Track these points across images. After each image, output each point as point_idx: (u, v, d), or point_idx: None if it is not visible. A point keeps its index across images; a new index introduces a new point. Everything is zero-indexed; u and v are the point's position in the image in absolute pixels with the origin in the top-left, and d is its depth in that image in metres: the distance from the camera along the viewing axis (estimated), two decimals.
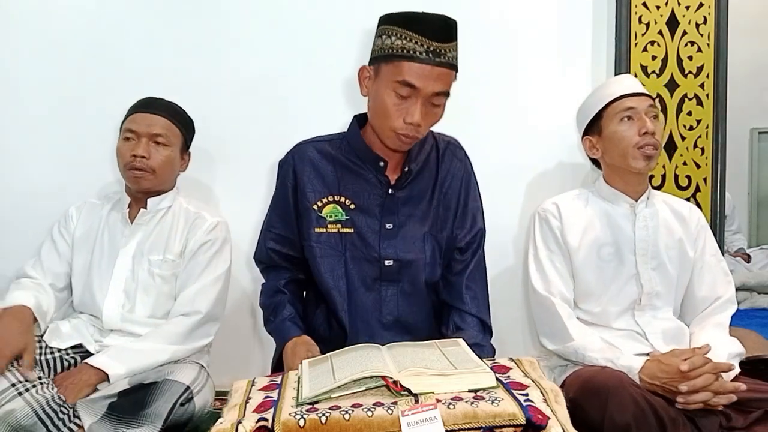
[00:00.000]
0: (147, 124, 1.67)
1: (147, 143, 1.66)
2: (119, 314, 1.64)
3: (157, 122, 1.68)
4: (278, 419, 1.06)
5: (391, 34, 1.38)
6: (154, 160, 1.66)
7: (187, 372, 1.52)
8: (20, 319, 1.53)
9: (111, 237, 1.72)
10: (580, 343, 1.57)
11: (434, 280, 1.58)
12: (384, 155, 1.53)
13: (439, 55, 1.36)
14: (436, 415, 1.04)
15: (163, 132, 1.68)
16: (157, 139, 1.67)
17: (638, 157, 1.60)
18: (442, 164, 1.60)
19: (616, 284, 1.65)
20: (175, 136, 1.71)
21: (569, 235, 1.67)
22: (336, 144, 1.58)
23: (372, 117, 1.49)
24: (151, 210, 1.72)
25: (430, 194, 1.58)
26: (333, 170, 1.55)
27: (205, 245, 1.70)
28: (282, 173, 1.59)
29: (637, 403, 1.33)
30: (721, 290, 1.68)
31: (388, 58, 1.38)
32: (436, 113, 1.44)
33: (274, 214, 1.62)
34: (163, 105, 1.72)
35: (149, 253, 1.69)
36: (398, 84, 1.37)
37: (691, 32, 2.06)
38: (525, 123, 2.08)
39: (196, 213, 1.73)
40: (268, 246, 1.61)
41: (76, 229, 1.74)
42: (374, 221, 1.53)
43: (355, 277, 1.52)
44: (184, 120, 1.76)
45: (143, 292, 1.67)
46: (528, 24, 2.06)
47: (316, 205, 1.53)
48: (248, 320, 2.07)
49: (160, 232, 1.71)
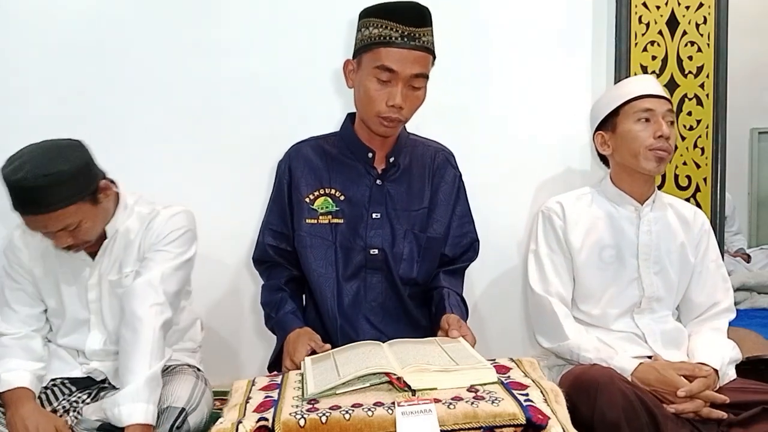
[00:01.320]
0: (45, 225, 1.42)
1: (64, 234, 1.44)
2: (102, 348, 1.58)
3: (56, 218, 1.40)
4: (278, 419, 1.06)
5: (369, 25, 1.47)
6: (81, 239, 1.48)
7: (185, 387, 1.49)
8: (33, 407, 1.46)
9: (75, 273, 1.58)
10: (575, 343, 1.58)
11: (410, 277, 1.60)
12: (372, 146, 1.60)
13: (415, 39, 1.44)
14: (432, 408, 1.05)
15: (70, 221, 1.42)
16: (67, 228, 1.44)
17: (650, 158, 1.58)
18: (437, 170, 1.66)
19: (616, 287, 1.65)
20: (79, 211, 1.43)
21: (572, 235, 1.67)
22: (330, 140, 1.66)
23: (358, 106, 1.56)
24: (111, 236, 1.56)
25: (420, 195, 1.63)
26: (324, 164, 1.62)
27: (167, 236, 1.56)
28: (279, 172, 1.66)
29: (626, 397, 1.33)
30: (720, 296, 1.68)
31: (367, 47, 1.47)
32: (417, 96, 1.50)
33: (271, 211, 1.67)
34: (45, 194, 1.38)
35: (109, 274, 1.57)
36: (378, 69, 1.45)
37: (691, 32, 2.06)
38: (525, 124, 2.07)
39: (151, 212, 1.59)
40: (267, 242, 1.64)
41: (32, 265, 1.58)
42: (362, 210, 1.59)
43: (341, 264, 1.58)
44: (75, 187, 1.42)
45: (115, 316, 1.56)
46: (528, 24, 2.06)
47: (308, 198, 1.60)
48: (248, 320, 2.07)
49: (118, 250, 1.57)
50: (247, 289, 2.05)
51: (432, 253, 1.63)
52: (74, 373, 1.59)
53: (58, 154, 1.41)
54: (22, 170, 1.37)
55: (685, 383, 1.43)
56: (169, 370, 1.58)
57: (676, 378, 1.45)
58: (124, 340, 1.45)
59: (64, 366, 1.60)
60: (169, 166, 1.98)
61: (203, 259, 1.71)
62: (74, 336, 1.60)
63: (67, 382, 1.58)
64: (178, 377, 1.54)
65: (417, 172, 1.64)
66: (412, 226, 1.61)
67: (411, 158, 1.65)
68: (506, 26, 2.05)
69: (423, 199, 1.63)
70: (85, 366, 1.59)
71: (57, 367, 1.60)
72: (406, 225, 1.60)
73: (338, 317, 1.56)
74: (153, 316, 1.44)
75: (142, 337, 1.42)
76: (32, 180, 1.36)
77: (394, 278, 1.59)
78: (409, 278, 1.60)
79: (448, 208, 1.65)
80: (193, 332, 1.74)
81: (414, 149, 1.66)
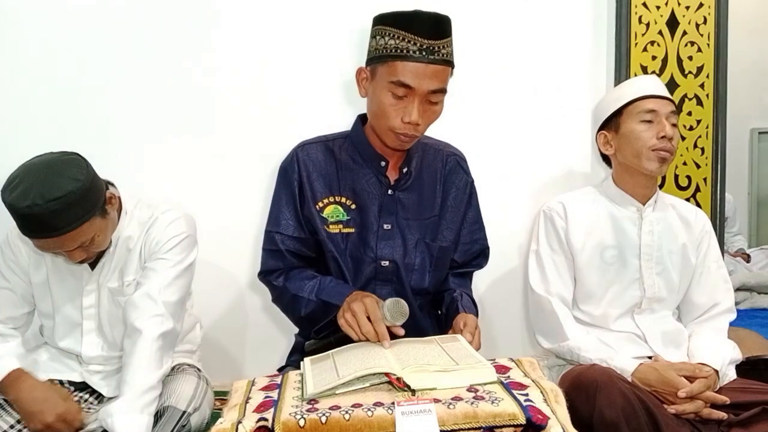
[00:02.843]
0: (61, 246, 1.39)
1: (78, 251, 1.43)
2: (99, 354, 1.58)
3: (71, 238, 1.38)
4: (278, 419, 1.06)
5: (384, 34, 1.38)
6: (93, 252, 1.47)
7: (186, 389, 1.49)
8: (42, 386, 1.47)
9: (72, 277, 1.55)
10: (575, 343, 1.58)
11: (421, 287, 1.57)
12: (385, 155, 1.53)
13: (433, 53, 1.36)
14: (431, 408, 1.05)
15: (84, 239, 1.40)
16: (82, 245, 1.42)
17: (653, 158, 1.58)
18: (448, 175, 1.60)
19: (617, 287, 1.65)
20: (92, 227, 1.41)
21: (573, 235, 1.66)
22: (339, 143, 1.58)
23: (371, 117, 1.49)
24: (114, 246, 1.54)
25: (431, 203, 1.58)
26: (335, 170, 1.55)
27: (166, 244, 1.54)
28: (287, 173, 1.56)
29: (626, 397, 1.33)
30: (720, 297, 1.68)
31: (382, 59, 1.38)
32: (435, 111, 1.43)
33: (281, 217, 1.54)
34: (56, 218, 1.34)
35: (109, 281, 1.55)
36: (393, 84, 1.37)
37: (691, 32, 2.06)
38: (525, 124, 2.07)
39: (150, 217, 1.56)
40: (287, 248, 1.52)
41: (30, 265, 1.55)
42: (373, 221, 1.53)
43: (351, 275, 1.53)
44: (86, 205, 1.39)
45: (116, 323, 1.56)
46: (528, 24, 2.06)
47: (317, 205, 1.53)
48: (248, 320, 2.07)
49: (119, 258, 1.55)
50: (248, 288, 2.05)
51: (443, 262, 1.60)
52: (73, 376, 1.59)
53: (62, 173, 1.36)
54: (29, 197, 1.31)
55: (686, 384, 1.44)
56: (171, 369, 1.57)
57: (676, 378, 1.45)
58: (125, 353, 1.47)
59: (64, 368, 1.60)
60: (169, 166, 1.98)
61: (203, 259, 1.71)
62: (68, 340, 1.59)
63: (66, 384, 1.58)
64: (181, 376, 1.55)
65: (428, 179, 1.58)
66: (423, 236, 1.56)
67: (422, 164, 1.58)
68: (506, 26, 2.05)
69: (434, 207, 1.58)
70: (85, 371, 1.59)
71: (57, 369, 1.60)
72: (418, 234, 1.55)
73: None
74: (152, 328, 1.44)
75: (138, 349, 1.42)
76: (43, 206, 1.31)
77: (404, 290, 1.54)
78: (420, 288, 1.57)
79: (459, 214, 1.60)
80: (192, 335, 1.74)
81: (425, 154, 1.59)
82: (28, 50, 1.97)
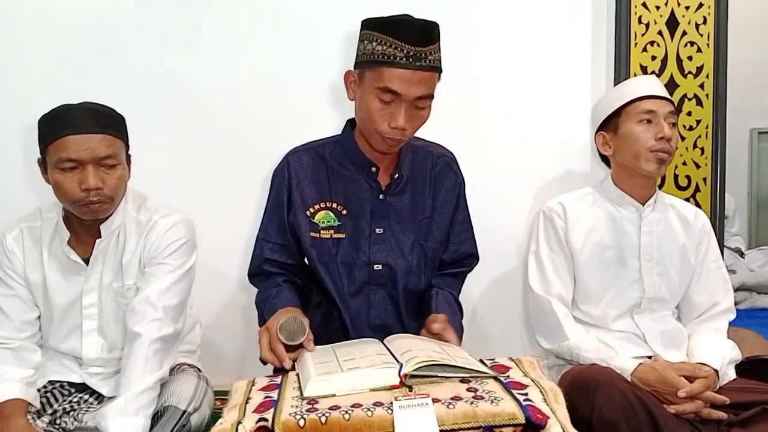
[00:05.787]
0: (87, 148, 1.39)
1: (96, 169, 1.41)
2: (99, 356, 1.57)
3: (99, 143, 1.40)
4: (278, 419, 1.06)
5: (372, 39, 1.39)
6: (109, 187, 1.43)
7: (186, 388, 1.48)
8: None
9: (68, 277, 1.54)
10: (575, 343, 1.58)
11: (417, 289, 1.59)
12: (375, 160, 1.54)
13: (420, 59, 1.36)
14: (429, 402, 1.06)
15: (110, 152, 1.42)
16: (105, 162, 1.42)
17: (651, 159, 1.58)
18: (437, 176, 1.62)
19: (617, 288, 1.65)
20: (120, 148, 1.46)
21: (573, 236, 1.67)
22: (329, 149, 1.59)
23: (359, 121, 1.50)
24: (106, 236, 1.53)
25: (423, 205, 1.59)
26: (326, 176, 1.56)
27: (166, 248, 1.54)
28: (276, 182, 1.59)
29: (625, 397, 1.33)
30: (720, 297, 1.68)
31: (370, 64, 1.40)
32: (421, 116, 1.44)
33: (269, 223, 1.59)
34: (93, 117, 1.42)
35: (111, 282, 1.54)
36: (380, 90, 1.38)
37: (691, 32, 2.06)
38: (524, 125, 2.07)
39: (148, 221, 1.55)
40: (265, 256, 1.58)
41: (26, 268, 1.54)
42: (365, 226, 1.55)
43: (345, 281, 1.54)
44: (118, 123, 1.48)
45: (116, 324, 1.55)
46: (528, 24, 2.06)
47: (308, 211, 1.55)
48: (247, 320, 2.07)
49: (116, 257, 1.54)
50: (247, 288, 2.05)
51: (436, 262, 1.62)
52: (73, 378, 1.59)
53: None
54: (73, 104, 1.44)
55: (686, 384, 1.44)
56: (171, 369, 1.57)
57: (676, 378, 1.45)
58: (123, 357, 1.47)
59: (63, 370, 1.59)
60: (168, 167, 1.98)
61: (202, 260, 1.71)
62: (69, 342, 1.58)
63: (66, 385, 1.58)
64: (181, 376, 1.54)
65: (419, 182, 1.59)
66: (418, 237, 1.57)
67: (412, 167, 1.59)
68: (506, 26, 2.05)
69: (425, 209, 1.59)
70: (84, 373, 1.58)
71: (56, 370, 1.59)
72: (413, 236, 1.57)
73: (351, 330, 1.54)
74: (150, 332, 1.45)
75: (135, 352, 1.43)
76: (91, 105, 1.44)
77: (397, 294, 1.56)
78: (417, 290, 1.58)
79: (448, 214, 1.61)
80: (192, 335, 1.74)
81: (415, 156, 1.60)
82: (27, 50, 1.97)
